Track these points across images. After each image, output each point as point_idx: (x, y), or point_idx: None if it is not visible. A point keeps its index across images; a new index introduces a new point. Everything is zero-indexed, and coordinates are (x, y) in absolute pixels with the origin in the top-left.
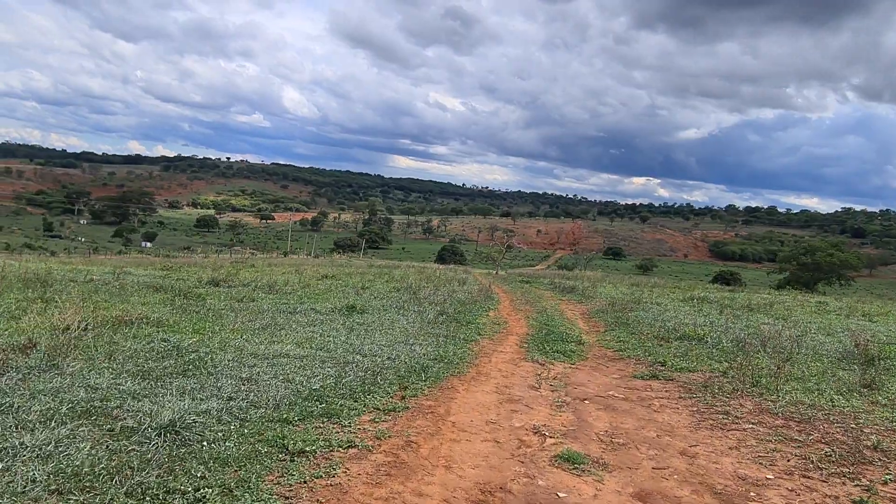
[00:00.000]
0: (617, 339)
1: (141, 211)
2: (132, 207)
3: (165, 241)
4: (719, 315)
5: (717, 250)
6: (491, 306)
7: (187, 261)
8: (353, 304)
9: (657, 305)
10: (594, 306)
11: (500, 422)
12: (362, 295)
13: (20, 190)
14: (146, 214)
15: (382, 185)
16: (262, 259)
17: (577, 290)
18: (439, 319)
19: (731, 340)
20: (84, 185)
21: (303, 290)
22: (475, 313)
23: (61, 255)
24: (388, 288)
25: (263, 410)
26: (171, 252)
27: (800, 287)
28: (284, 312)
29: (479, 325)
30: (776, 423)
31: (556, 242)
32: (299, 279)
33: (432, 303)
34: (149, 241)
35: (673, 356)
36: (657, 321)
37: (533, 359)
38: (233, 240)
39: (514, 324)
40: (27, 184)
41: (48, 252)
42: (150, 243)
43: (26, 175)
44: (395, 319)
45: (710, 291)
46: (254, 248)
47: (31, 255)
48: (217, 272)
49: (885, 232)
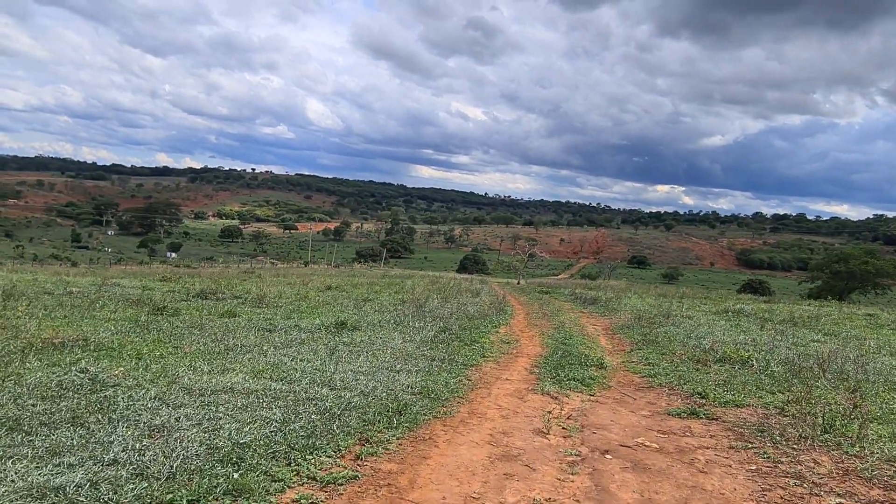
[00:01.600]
0: (645, 360)
1: (167, 222)
2: (158, 218)
3: (190, 252)
4: (760, 331)
5: (745, 258)
6: (503, 321)
7: (195, 271)
8: (345, 319)
9: (689, 319)
10: (618, 320)
11: (485, 497)
12: (362, 308)
13: (52, 202)
14: (172, 225)
15: (405, 194)
16: (274, 269)
17: (600, 301)
18: (440, 338)
19: (780, 363)
20: (113, 196)
21: (296, 304)
22: (483, 330)
23: (82, 266)
24: (393, 300)
25: (147, 485)
26: (193, 262)
27: (833, 296)
28: (261, 330)
29: (485, 345)
30: (873, 495)
31: (580, 251)
32: (297, 291)
33: (437, 317)
34: (174, 252)
35: (714, 385)
36: (690, 338)
37: (544, 390)
38: (256, 250)
39: (526, 342)
40: (58, 196)
41: (70, 262)
42: (175, 254)
43: (57, 187)
44: (389, 338)
45: (744, 303)
46: (275, 258)
47: (49, 266)
48: (214, 283)
49: None
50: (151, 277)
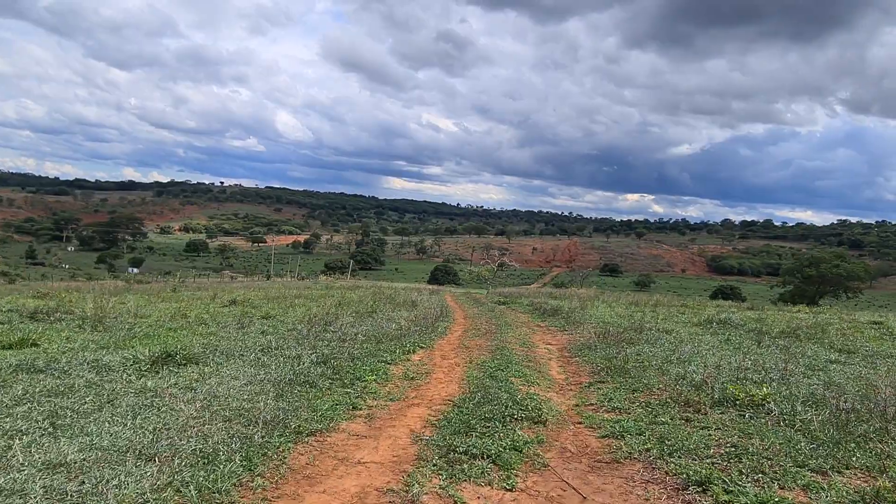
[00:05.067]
0: (608, 403)
1: (130, 236)
2: (121, 233)
3: (153, 267)
4: (758, 348)
5: (716, 265)
6: (427, 342)
7: (88, 285)
8: (174, 350)
9: (666, 334)
10: (579, 337)
11: None
12: (246, 329)
13: (10, 218)
14: (136, 240)
15: (377, 206)
16: (218, 283)
17: (562, 312)
18: (309, 373)
19: (807, 403)
20: (75, 211)
21: (160, 325)
22: (388, 358)
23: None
24: (299, 317)
25: None
26: (147, 277)
27: (805, 300)
28: (26, 371)
29: (372, 385)
30: None
31: (553, 260)
32: (179, 308)
33: (337, 339)
34: (136, 267)
35: (721, 459)
36: (671, 363)
37: (417, 493)
38: (222, 264)
39: (441, 377)
40: (17, 212)
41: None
42: (137, 269)
43: (17, 203)
44: (227, 379)
45: (728, 311)
46: (240, 271)
47: None
48: (66, 302)
49: (883, 243)
50: (29, 294)
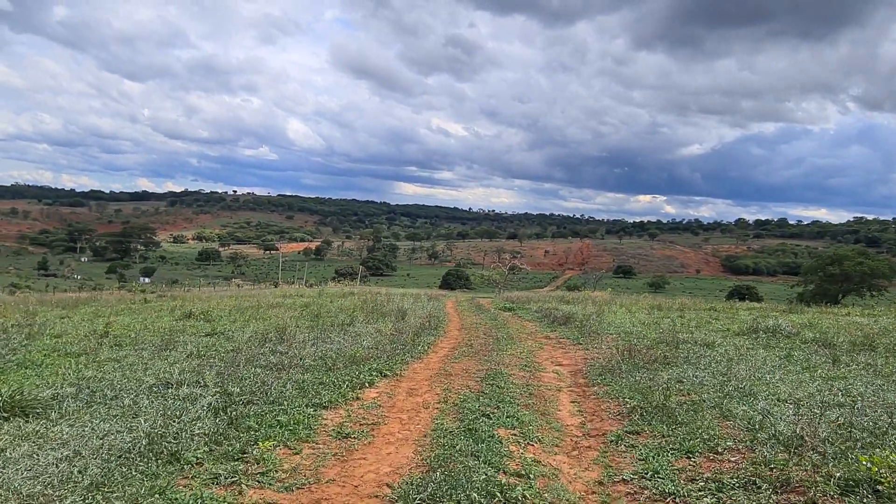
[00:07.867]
0: (652, 479)
1: (143, 246)
2: (133, 243)
3: (165, 276)
4: (835, 368)
5: (730, 265)
6: (392, 368)
7: (56, 297)
8: (10, 393)
9: (708, 348)
10: (597, 354)
11: None
12: (170, 352)
13: (26, 230)
14: (148, 249)
15: (388, 212)
16: (213, 292)
17: (575, 320)
18: (187, 432)
19: None
20: (90, 223)
21: (32, 346)
22: (329, 393)
23: (18, 294)
24: (256, 330)
25: None
26: (158, 287)
27: (827, 300)
28: None
29: (271, 456)
30: None
31: (565, 263)
32: (104, 324)
33: (272, 365)
34: (147, 277)
35: None
36: (731, 397)
37: None
38: (233, 272)
39: (390, 431)
40: (33, 224)
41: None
42: (149, 279)
43: (32, 215)
44: (40, 445)
45: (770, 315)
46: (252, 279)
47: None
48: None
49: None
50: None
